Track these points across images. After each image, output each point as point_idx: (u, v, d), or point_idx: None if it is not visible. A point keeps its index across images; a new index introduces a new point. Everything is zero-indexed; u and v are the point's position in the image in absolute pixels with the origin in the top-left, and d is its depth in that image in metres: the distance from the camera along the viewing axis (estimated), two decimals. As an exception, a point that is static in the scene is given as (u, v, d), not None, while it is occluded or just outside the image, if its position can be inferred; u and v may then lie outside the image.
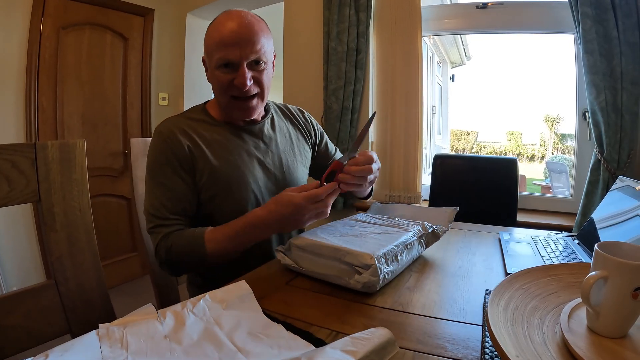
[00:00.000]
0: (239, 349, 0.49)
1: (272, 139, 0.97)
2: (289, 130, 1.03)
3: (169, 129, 0.85)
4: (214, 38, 0.82)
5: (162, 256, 0.79)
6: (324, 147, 1.13)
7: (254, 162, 0.92)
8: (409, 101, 1.88)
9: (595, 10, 1.42)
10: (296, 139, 1.04)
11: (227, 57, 0.81)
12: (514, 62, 20.89)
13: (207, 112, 0.93)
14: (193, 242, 0.78)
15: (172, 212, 0.82)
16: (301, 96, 2.16)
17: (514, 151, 14.15)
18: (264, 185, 0.92)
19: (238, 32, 0.80)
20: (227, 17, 0.83)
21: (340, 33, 1.90)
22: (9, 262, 2.04)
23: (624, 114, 1.43)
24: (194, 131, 0.87)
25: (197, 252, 0.77)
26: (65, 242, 0.67)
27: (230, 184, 0.87)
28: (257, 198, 0.91)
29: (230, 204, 0.87)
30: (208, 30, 0.85)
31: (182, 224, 0.83)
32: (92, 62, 2.37)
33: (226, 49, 0.80)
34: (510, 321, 0.46)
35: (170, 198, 0.82)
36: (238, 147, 0.91)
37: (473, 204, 1.62)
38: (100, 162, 2.46)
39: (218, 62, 0.82)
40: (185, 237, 0.79)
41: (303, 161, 1.04)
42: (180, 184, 0.83)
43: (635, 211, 0.84)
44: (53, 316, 0.65)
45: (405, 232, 0.81)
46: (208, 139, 0.88)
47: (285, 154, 0.98)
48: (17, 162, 0.62)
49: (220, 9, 2.62)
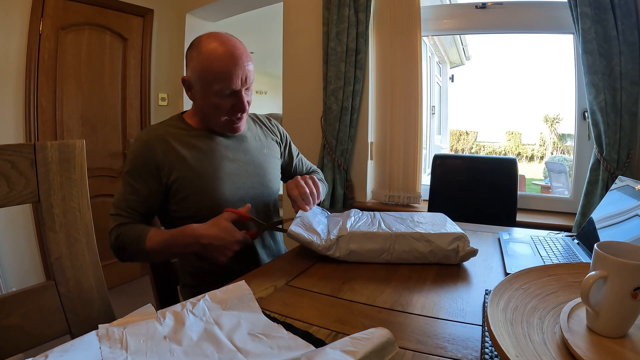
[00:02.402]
0: (238, 349, 0.49)
1: (244, 140, 1.05)
2: (259, 133, 1.12)
3: (148, 137, 0.94)
4: (213, 69, 0.88)
5: (112, 241, 0.90)
6: (289, 151, 1.23)
7: (227, 161, 0.99)
8: (408, 101, 1.88)
9: (594, 10, 1.42)
10: (265, 140, 1.12)
11: (230, 87, 0.90)
12: (514, 62, 20.89)
13: (184, 120, 1.01)
14: (138, 236, 0.87)
15: (132, 208, 0.91)
16: (300, 96, 2.16)
17: (514, 151, 14.16)
18: (237, 182, 0.99)
19: (237, 64, 0.89)
20: (222, 46, 0.89)
21: (339, 33, 1.90)
22: (9, 262, 2.04)
23: (623, 113, 1.43)
24: (171, 136, 0.95)
25: (139, 246, 0.87)
26: (65, 243, 0.67)
27: (206, 183, 0.94)
28: (232, 194, 0.97)
29: (206, 201, 0.94)
30: (200, 58, 0.89)
31: (137, 219, 0.93)
32: (91, 62, 2.37)
33: (228, 80, 0.89)
34: (510, 321, 0.46)
35: (133, 197, 0.91)
36: (211, 149, 0.98)
37: (472, 204, 1.62)
38: (99, 163, 2.45)
39: (219, 92, 0.90)
40: (133, 230, 0.89)
41: (274, 159, 1.12)
42: (145, 189, 0.92)
43: (634, 211, 0.84)
44: (52, 317, 0.65)
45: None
46: (184, 144, 0.96)
47: (257, 152, 1.06)
48: (17, 163, 0.62)
49: (220, 9, 2.64)
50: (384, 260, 0.84)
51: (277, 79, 2.73)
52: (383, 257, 0.84)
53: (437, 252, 0.83)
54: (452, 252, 0.82)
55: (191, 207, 0.94)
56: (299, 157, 1.26)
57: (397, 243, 0.83)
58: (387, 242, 0.84)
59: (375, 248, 0.83)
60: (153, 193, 0.92)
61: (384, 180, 2.00)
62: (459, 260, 0.83)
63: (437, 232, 0.85)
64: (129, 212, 0.91)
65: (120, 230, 0.89)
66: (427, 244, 0.83)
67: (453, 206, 1.64)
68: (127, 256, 0.90)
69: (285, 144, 1.20)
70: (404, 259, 0.84)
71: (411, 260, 0.84)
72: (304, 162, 1.28)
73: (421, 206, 1.93)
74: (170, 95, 2.81)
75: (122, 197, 0.92)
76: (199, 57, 0.89)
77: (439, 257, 0.83)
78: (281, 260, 0.90)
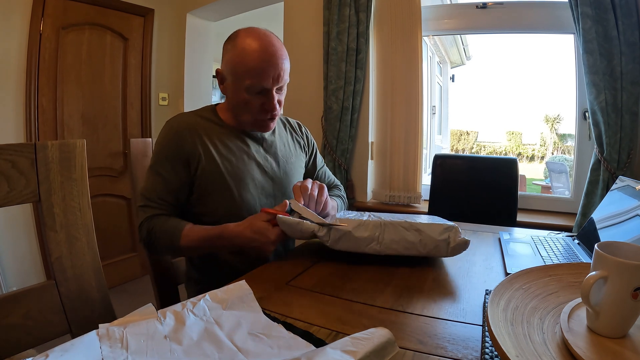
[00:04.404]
0: (239, 349, 0.49)
1: (273, 146, 1.02)
2: (288, 140, 1.10)
3: (179, 125, 0.91)
4: (246, 63, 0.86)
5: (143, 234, 0.87)
6: (314, 160, 1.20)
7: (254, 165, 0.96)
8: (409, 101, 1.88)
9: (595, 10, 1.42)
10: (294, 149, 1.10)
11: (261, 84, 0.87)
12: (514, 62, 20.89)
13: (216, 113, 0.98)
14: (172, 232, 0.85)
15: (162, 198, 0.89)
16: (301, 96, 2.16)
17: (514, 151, 14.15)
18: (261, 188, 0.96)
19: (270, 61, 0.86)
20: (257, 41, 0.86)
21: (340, 33, 1.90)
22: (9, 262, 2.04)
23: (624, 113, 1.43)
24: (202, 129, 0.93)
25: (172, 242, 0.85)
26: (65, 242, 0.67)
27: (229, 184, 0.91)
28: (255, 199, 0.94)
29: (225, 203, 0.91)
30: (234, 52, 0.87)
31: (168, 210, 0.90)
32: (92, 62, 2.37)
33: (259, 77, 0.86)
34: (510, 321, 0.46)
35: (163, 187, 0.89)
36: (240, 150, 0.96)
37: (473, 204, 1.62)
38: (100, 162, 2.46)
39: (249, 88, 0.88)
40: (167, 225, 0.86)
41: (299, 169, 1.09)
42: (175, 179, 0.89)
43: (635, 211, 0.84)
44: (53, 316, 0.65)
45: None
46: (214, 139, 0.93)
47: (284, 160, 1.04)
48: (17, 162, 0.62)
49: (220, 9, 2.64)
50: (373, 251, 0.82)
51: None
52: (372, 246, 0.82)
53: (427, 242, 0.80)
54: (443, 242, 0.80)
55: (209, 205, 0.91)
56: (323, 168, 1.22)
57: (386, 231, 0.82)
58: (376, 230, 0.82)
59: (364, 236, 0.81)
60: (183, 183, 0.90)
61: (385, 180, 2.00)
62: (450, 252, 0.80)
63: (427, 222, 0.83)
64: (159, 203, 0.88)
65: (153, 224, 0.86)
66: (416, 233, 0.81)
67: (453, 206, 1.64)
68: (159, 251, 0.89)
69: (312, 153, 1.17)
70: (393, 249, 0.81)
71: (401, 252, 0.81)
72: (327, 174, 1.24)
73: (421, 206, 1.93)
74: (170, 95, 2.81)
75: (152, 187, 0.88)
76: (233, 50, 0.87)
77: (429, 247, 0.80)
78: (282, 260, 0.90)
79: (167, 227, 0.85)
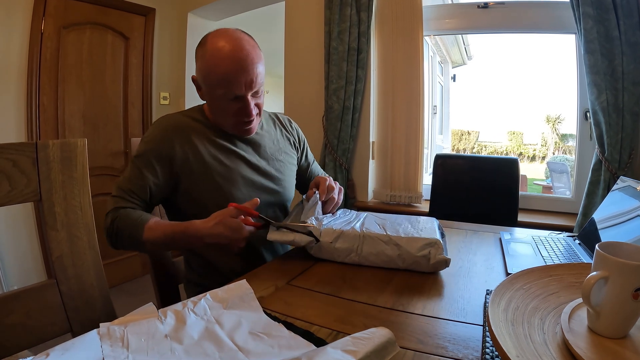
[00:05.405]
0: (239, 348, 0.49)
1: (260, 144, 1.02)
2: (278, 136, 1.09)
3: (167, 125, 0.91)
4: (216, 72, 0.84)
5: (107, 223, 0.85)
6: (306, 156, 1.20)
7: (243, 164, 0.97)
8: (410, 101, 1.88)
9: (596, 10, 1.42)
10: (284, 145, 1.09)
11: (233, 92, 0.86)
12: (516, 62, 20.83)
13: (204, 113, 0.98)
14: (135, 224, 0.82)
15: (136, 193, 0.87)
16: (302, 96, 2.16)
17: (515, 151, 14.12)
18: (251, 186, 0.96)
19: (241, 68, 0.83)
20: (226, 46, 0.84)
21: (341, 33, 1.90)
22: (10, 261, 2.04)
23: (625, 114, 1.43)
24: (191, 129, 0.93)
25: (135, 235, 0.82)
26: (66, 242, 0.67)
27: (219, 183, 0.92)
28: (245, 198, 0.94)
29: (217, 202, 0.88)
30: (205, 58, 0.85)
31: (140, 206, 0.88)
32: (93, 61, 2.37)
33: (231, 85, 0.85)
34: (510, 321, 0.46)
35: (139, 183, 0.87)
36: (229, 149, 0.95)
37: (474, 204, 1.62)
38: (101, 162, 2.46)
39: (223, 96, 0.87)
40: (131, 216, 0.83)
41: (289, 165, 1.09)
42: (152, 178, 0.88)
43: (636, 211, 0.83)
44: (54, 315, 0.65)
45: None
46: (202, 139, 0.93)
47: (273, 157, 1.04)
48: (18, 162, 0.62)
49: (222, 8, 2.64)
50: (352, 261, 0.82)
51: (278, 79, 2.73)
52: (351, 257, 0.82)
53: (405, 257, 0.78)
54: (422, 258, 0.77)
55: (200, 205, 0.91)
56: (314, 163, 1.22)
57: (364, 244, 0.81)
58: (354, 242, 0.82)
59: (343, 247, 0.82)
60: (159, 184, 0.89)
61: (386, 180, 2.00)
62: (431, 268, 0.78)
63: (409, 236, 0.81)
64: (131, 196, 0.87)
65: (119, 214, 0.84)
66: (395, 248, 0.79)
67: (454, 206, 1.63)
68: (120, 243, 0.85)
69: (303, 149, 1.17)
70: (372, 262, 0.81)
71: (380, 264, 0.81)
72: (318, 169, 1.24)
73: (422, 206, 1.93)
74: (172, 95, 2.81)
75: (128, 180, 0.88)
76: (203, 57, 0.86)
77: (408, 262, 0.79)
78: (282, 259, 0.90)
79: (131, 219, 0.83)
